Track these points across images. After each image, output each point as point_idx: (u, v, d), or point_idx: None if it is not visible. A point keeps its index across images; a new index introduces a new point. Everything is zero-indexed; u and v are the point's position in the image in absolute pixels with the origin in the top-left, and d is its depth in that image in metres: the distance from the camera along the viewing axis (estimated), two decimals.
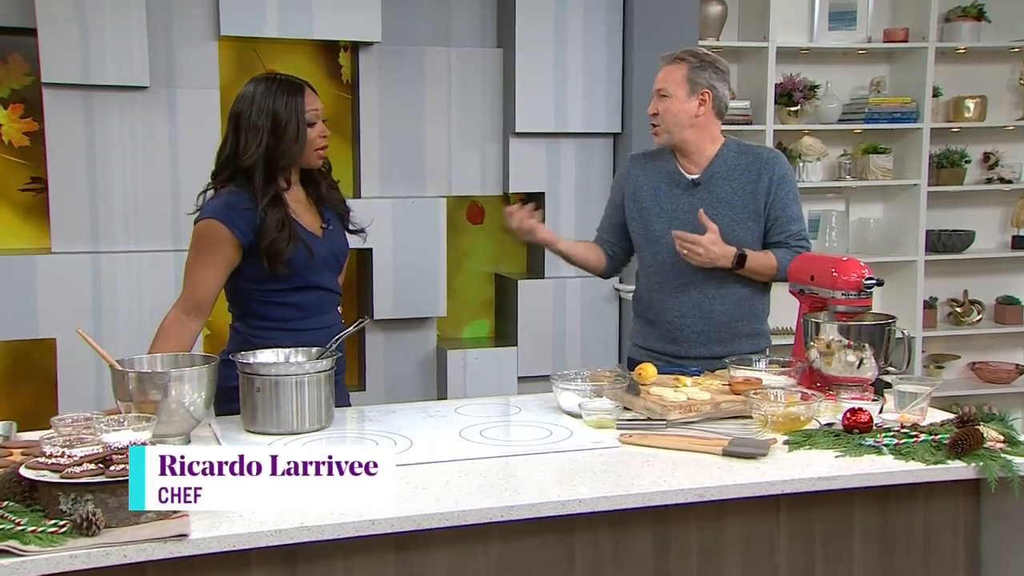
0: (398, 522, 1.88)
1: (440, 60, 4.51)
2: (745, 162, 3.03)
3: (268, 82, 2.70)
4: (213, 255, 2.63)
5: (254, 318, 2.70)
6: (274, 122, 2.64)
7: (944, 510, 2.32)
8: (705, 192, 3.01)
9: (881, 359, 2.64)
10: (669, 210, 3.04)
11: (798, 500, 2.19)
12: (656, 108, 3.01)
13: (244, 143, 2.64)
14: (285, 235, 2.61)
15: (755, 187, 3.01)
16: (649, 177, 3.09)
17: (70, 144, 4.01)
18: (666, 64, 3.02)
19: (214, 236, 2.62)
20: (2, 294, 3.91)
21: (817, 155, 5.07)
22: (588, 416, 2.47)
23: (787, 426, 2.39)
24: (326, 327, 2.70)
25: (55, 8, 3.89)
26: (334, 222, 2.83)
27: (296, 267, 2.65)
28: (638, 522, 2.10)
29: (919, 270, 5.18)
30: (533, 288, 4.61)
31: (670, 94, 2.97)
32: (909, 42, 5.10)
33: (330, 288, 2.79)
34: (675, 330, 3.04)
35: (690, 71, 2.96)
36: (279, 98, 2.65)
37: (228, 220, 2.61)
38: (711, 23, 4.87)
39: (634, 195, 3.10)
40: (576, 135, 4.61)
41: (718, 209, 2.98)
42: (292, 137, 2.65)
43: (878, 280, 2.66)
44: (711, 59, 3.00)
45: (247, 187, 2.64)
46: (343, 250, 2.85)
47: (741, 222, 3.00)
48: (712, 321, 3.02)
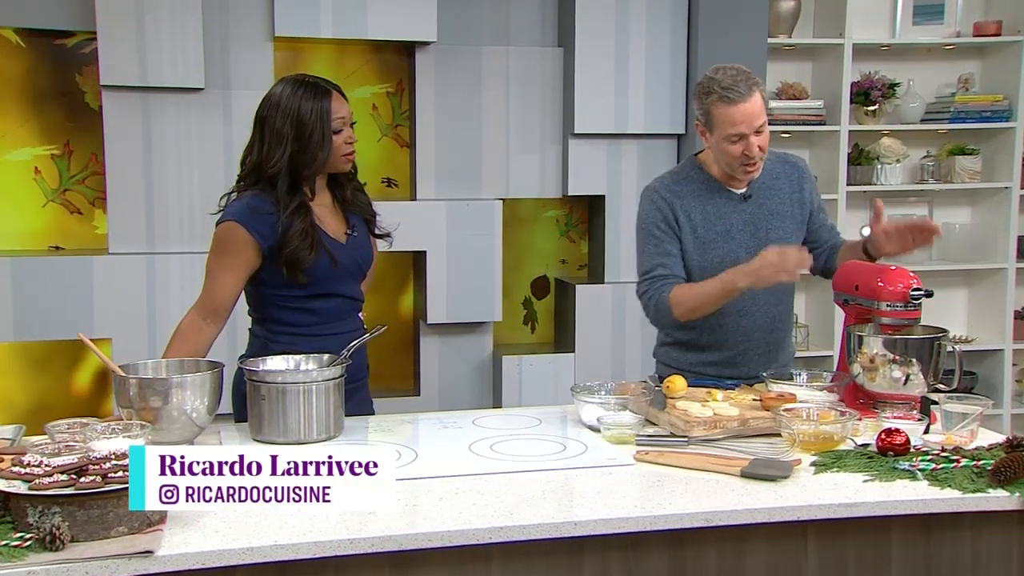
0: (378, 542, 1.79)
1: (498, 60, 4.43)
2: (784, 170, 2.89)
3: (294, 85, 2.62)
4: (232, 258, 2.58)
5: (273, 323, 2.65)
6: (298, 129, 2.57)
7: (994, 542, 2.12)
8: (755, 206, 2.83)
9: (930, 376, 2.45)
10: (723, 232, 2.81)
11: (828, 526, 2.02)
12: (759, 144, 2.69)
13: (268, 150, 2.59)
14: (308, 244, 2.55)
15: (800, 195, 2.88)
16: (694, 202, 2.82)
17: (128, 145, 4.05)
18: (749, 96, 2.65)
19: (233, 239, 2.57)
20: (60, 294, 3.96)
21: (897, 157, 4.83)
22: (607, 431, 2.35)
23: (818, 446, 2.23)
24: (346, 332, 2.64)
25: (114, 11, 3.93)
26: (359, 227, 2.77)
27: (317, 276, 2.59)
28: (653, 545, 1.97)
29: (1009, 278, 4.91)
30: (592, 293, 4.49)
31: (765, 125, 2.70)
32: (1002, 36, 4.83)
33: (351, 295, 2.72)
34: (738, 355, 2.85)
35: (763, 94, 2.71)
36: (304, 103, 2.58)
37: (248, 224, 2.56)
38: (783, 19, 4.68)
39: (686, 224, 2.81)
40: (638, 136, 4.48)
41: (771, 222, 2.82)
42: (317, 145, 2.58)
43: (927, 291, 2.47)
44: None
45: (271, 192, 2.59)
46: (367, 257, 2.78)
47: (792, 233, 2.85)
48: (773, 341, 2.87)
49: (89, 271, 3.99)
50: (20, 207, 4.20)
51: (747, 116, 2.65)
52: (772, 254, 2.58)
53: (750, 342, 2.84)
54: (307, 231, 2.56)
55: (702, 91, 2.71)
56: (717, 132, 2.70)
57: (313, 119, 2.57)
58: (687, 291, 2.74)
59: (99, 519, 1.69)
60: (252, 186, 2.63)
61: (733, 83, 2.65)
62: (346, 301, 2.69)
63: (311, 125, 2.57)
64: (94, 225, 4.27)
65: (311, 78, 2.67)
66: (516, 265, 4.68)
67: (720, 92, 2.65)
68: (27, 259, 4.00)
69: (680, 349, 2.93)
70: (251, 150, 2.66)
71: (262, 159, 2.60)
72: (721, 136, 2.69)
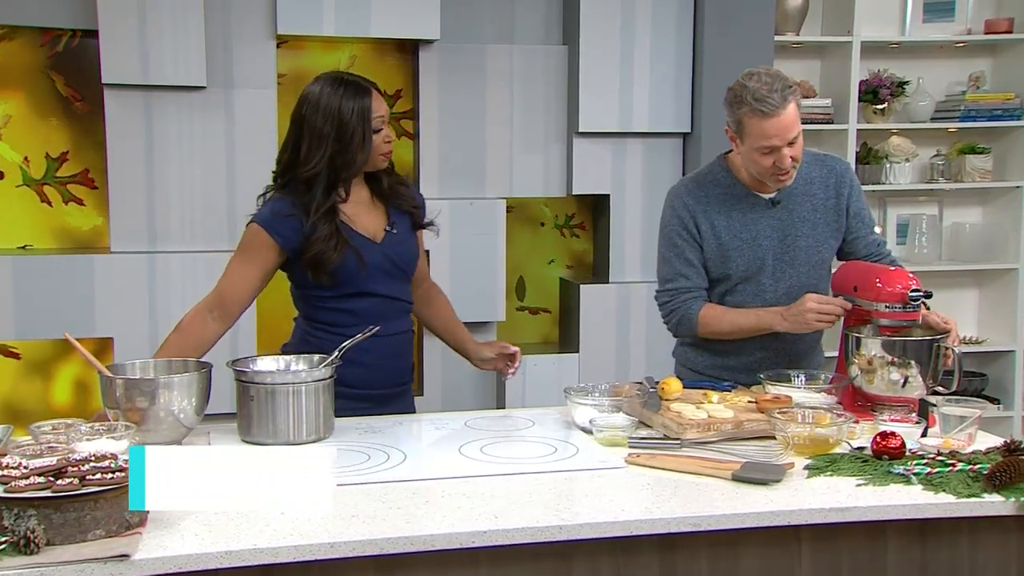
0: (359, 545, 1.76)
1: (502, 58, 4.40)
2: (820, 175, 2.77)
3: (334, 84, 2.57)
4: (249, 256, 2.59)
5: (309, 320, 2.67)
6: (339, 130, 2.53)
7: (992, 547, 2.07)
8: (785, 212, 2.72)
9: (929, 378, 2.41)
10: (749, 239, 2.72)
11: (822, 531, 1.99)
12: (792, 155, 2.58)
13: (307, 151, 2.55)
14: (333, 245, 2.53)
15: (836, 202, 2.76)
16: (719, 207, 2.74)
17: (129, 144, 4.04)
18: (783, 108, 2.52)
19: (253, 241, 2.58)
20: (61, 293, 3.96)
21: (906, 156, 4.77)
22: (599, 433, 2.32)
23: (812, 449, 2.20)
24: (392, 335, 2.63)
25: (115, 9, 3.92)
26: (401, 224, 2.71)
27: (344, 276, 2.57)
28: (644, 549, 1.94)
29: (1020, 279, 4.86)
30: (597, 293, 4.46)
31: (800, 135, 2.59)
32: (1014, 33, 4.77)
33: (391, 295, 2.66)
34: (755, 362, 2.76)
35: (798, 101, 2.59)
36: (345, 103, 2.54)
37: (270, 227, 2.56)
38: (791, 17, 4.63)
39: (709, 231, 2.74)
40: (643, 135, 4.44)
41: (800, 229, 2.73)
42: (358, 145, 2.54)
43: (926, 292, 2.43)
44: (791, 78, 2.63)
45: (302, 193, 2.56)
46: (406, 255, 2.71)
47: (824, 241, 2.76)
48: (795, 352, 2.78)
49: (91, 270, 3.98)
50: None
51: (781, 129, 2.53)
52: (813, 302, 2.54)
53: (767, 351, 2.77)
54: (332, 234, 2.54)
55: (734, 99, 2.58)
56: (748, 143, 2.59)
57: (354, 119, 2.53)
58: (719, 316, 2.71)
59: (75, 522, 1.67)
60: (282, 188, 2.62)
61: (767, 93, 2.51)
62: (385, 301, 2.65)
63: (352, 125, 2.53)
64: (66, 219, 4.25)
65: (350, 76, 2.63)
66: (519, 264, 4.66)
67: (753, 104, 2.52)
68: (28, 258, 3.99)
69: (697, 351, 2.89)
70: (286, 150, 2.62)
71: (300, 161, 2.56)
72: (752, 147, 2.59)
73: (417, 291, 2.85)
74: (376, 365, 2.63)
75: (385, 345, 2.57)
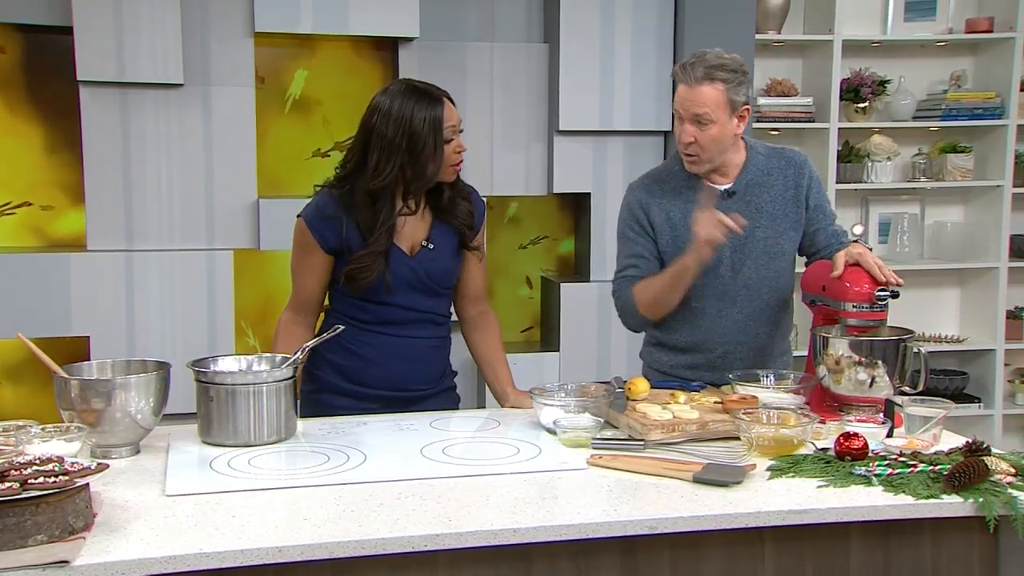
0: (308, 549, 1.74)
1: (483, 56, 4.38)
2: (779, 166, 2.76)
3: (405, 94, 2.52)
4: (306, 256, 2.63)
5: (336, 313, 2.69)
6: (411, 141, 2.48)
7: (955, 548, 2.06)
8: (741, 203, 2.71)
9: (896, 378, 2.40)
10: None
11: (785, 532, 1.97)
12: (694, 136, 2.60)
13: (376, 162, 2.50)
14: (378, 263, 2.53)
15: (795, 193, 2.74)
16: (673, 199, 2.73)
17: (106, 142, 4.01)
18: (697, 85, 2.56)
19: (303, 240, 2.63)
20: (37, 291, 3.94)
21: (888, 155, 4.76)
22: (562, 434, 2.30)
23: (776, 450, 2.18)
24: (408, 337, 2.64)
25: (91, 6, 3.90)
26: (443, 239, 2.65)
27: (367, 287, 2.59)
28: (604, 552, 1.92)
29: (1001, 277, 4.84)
30: (577, 292, 4.44)
31: (713, 120, 2.57)
32: (995, 32, 4.76)
33: (409, 307, 2.63)
34: (717, 358, 2.75)
35: (729, 91, 2.57)
36: (417, 113, 2.49)
37: (313, 226, 2.59)
38: (772, 15, 4.62)
39: (664, 223, 2.73)
40: (623, 133, 4.43)
41: (758, 220, 2.71)
42: (428, 156, 2.50)
43: (893, 292, 2.41)
44: (741, 67, 2.61)
45: (357, 200, 2.54)
46: (439, 272, 2.65)
47: (783, 233, 2.74)
48: (758, 347, 2.77)
49: (67, 268, 3.96)
50: None
51: (683, 100, 2.59)
52: (698, 225, 2.53)
53: (730, 345, 2.76)
54: (382, 253, 2.53)
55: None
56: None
57: (426, 129, 2.48)
58: (646, 285, 2.69)
59: (15, 527, 1.64)
60: (335, 187, 2.60)
61: (693, 66, 2.57)
62: (408, 312, 2.63)
63: (424, 135, 2.48)
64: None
65: (421, 84, 2.58)
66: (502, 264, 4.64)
67: (678, 70, 2.62)
68: (3, 256, 3.97)
69: (661, 350, 2.87)
70: (352, 156, 2.58)
71: (369, 171, 2.51)
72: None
73: (470, 311, 2.83)
74: (395, 366, 2.65)
75: (402, 347, 2.59)
